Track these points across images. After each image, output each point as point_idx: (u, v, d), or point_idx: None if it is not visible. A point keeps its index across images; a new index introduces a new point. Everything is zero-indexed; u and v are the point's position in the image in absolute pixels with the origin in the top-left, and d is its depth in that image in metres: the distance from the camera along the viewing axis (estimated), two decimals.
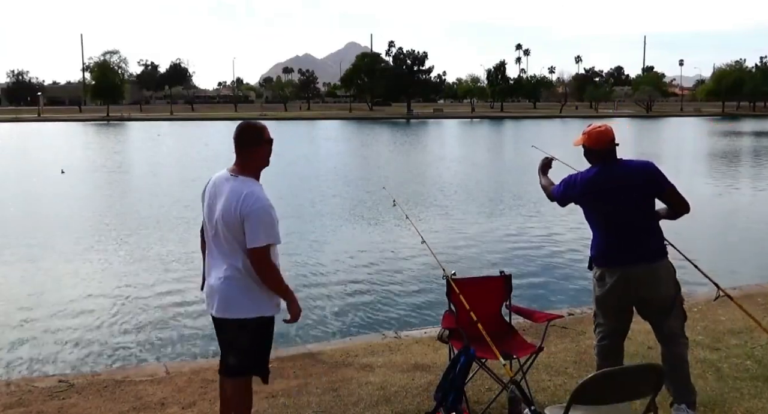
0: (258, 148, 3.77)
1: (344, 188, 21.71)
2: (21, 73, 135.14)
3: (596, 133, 4.20)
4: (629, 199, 4.12)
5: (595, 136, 4.20)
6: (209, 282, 3.86)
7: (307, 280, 10.41)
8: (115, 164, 30.64)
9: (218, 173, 3.84)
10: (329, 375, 5.36)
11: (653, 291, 4.12)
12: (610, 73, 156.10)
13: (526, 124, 75.54)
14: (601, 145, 4.18)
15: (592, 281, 4.32)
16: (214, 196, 3.73)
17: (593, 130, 4.22)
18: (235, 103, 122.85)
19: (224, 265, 3.74)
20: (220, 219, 3.66)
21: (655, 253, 4.14)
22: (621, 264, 4.10)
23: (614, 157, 4.20)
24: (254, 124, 3.80)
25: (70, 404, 4.87)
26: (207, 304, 3.89)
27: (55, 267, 11.28)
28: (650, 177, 4.17)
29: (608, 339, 4.28)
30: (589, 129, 4.25)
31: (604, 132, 4.19)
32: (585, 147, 4.27)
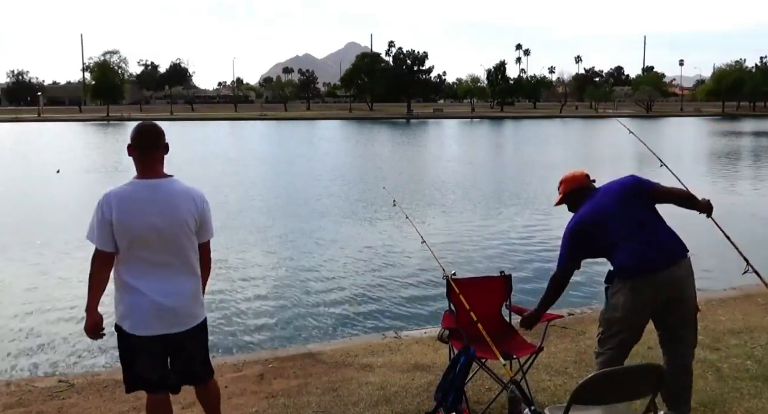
0: (165, 149, 3.62)
1: (344, 188, 21.70)
2: (21, 73, 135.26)
3: (570, 176, 4.35)
4: (629, 211, 4.10)
5: (570, 178, 4.34)
6: (158, 300, 3.41)
7: (307, 280, 10.41)
8: (113, 164, 30.64)
9: (126, 185, 3.44)
10: (329, 375, 5.36)
11: (683, 292, 4.05)
12: (610, 73, 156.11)
13: (526, 124, 75.54)
14: (579, 182, 4.31)
15: (613, 292, 4.22)
16: (139, 208, 3.37)
17: (565, 177, 4.37)
18: (235, 103, 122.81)
19: (182, 276, 3.51)
20: (169, 227, 3.43)
21: (677, 252, 4.07)
22: (650, 269, 4.00)
23: (594, 190, 4.30)
24: (157, 125, 3.68)
25: (70, 404, 4.87)
26: (146, 325, 3.42)
27: (54, 267, 11.28)
28: (634, 185, 4.19)
29: (618, 350, 4.13)
30: (562, 179, 4.39)
31: (576, 173, 4.36)
32: (566, 194, 4.36)
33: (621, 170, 26.53)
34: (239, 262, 11.51)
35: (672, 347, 4.16)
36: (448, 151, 38.87)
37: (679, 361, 4.11)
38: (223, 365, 5.70)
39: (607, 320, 4.22)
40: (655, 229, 4.11)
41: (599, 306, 8.02)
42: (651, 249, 4.02)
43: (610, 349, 4.13)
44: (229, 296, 9.49)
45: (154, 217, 3.39)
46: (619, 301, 4.12)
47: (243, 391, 5.06)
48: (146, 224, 3.38)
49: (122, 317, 3.45)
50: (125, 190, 3.41)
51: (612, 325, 4.17)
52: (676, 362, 4.11)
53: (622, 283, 4.13)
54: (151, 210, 3.40)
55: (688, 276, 4.07)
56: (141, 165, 3.49)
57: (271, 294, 9.65)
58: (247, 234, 14.03)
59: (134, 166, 3.49)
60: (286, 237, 13.83)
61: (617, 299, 4.14)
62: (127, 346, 3.49)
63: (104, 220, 3.35)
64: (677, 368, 4.10)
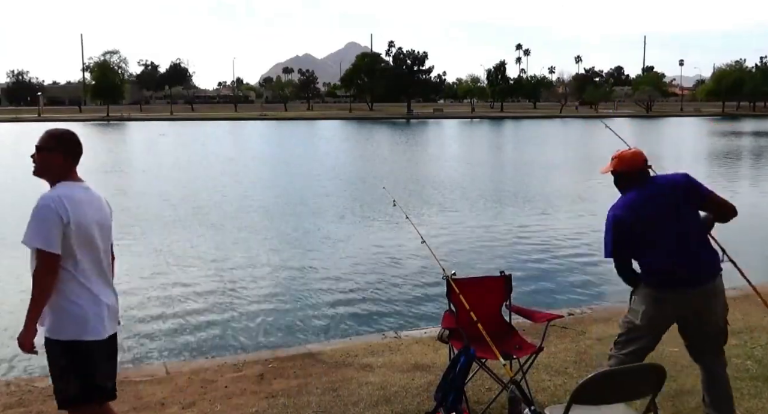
0: None
1: (344, 188, 21.70)
2: (21, 73, 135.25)
3: (629, 155, 4.04)
4: (674, 216, 3.92)
5: (629, 158, 4.04)
6: (106, 302, 3.44)
7: (307, 280, 10.41)
8: (111, 164, 30.65)
9: (65, 187, 3.39)
10: (329, 375, 5.36)
11: (710, 311, 3.93)
12: (610, 73, 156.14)
13: (527, 124, 75.54)
14: (634, 167, 4.01)
15: (637, 298, 4.03)
16: (81, 212, 3.33)
17: (624, 154, 4.06)
18: (235, 103, 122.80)
19: (110, 276, 3.56)
20: (104, 228, 3.49)
21: (712, 268, 3.94)
22: (679, 285, 3.87)
23: (648, 178, 4.03)
24: None
25: None
26: (104, 328, 3.41)
27: None
28: (688, 189, 3.97)
29: (636, 355, 3.99)
30: (619, 153, 4.08)
31: (637, 153, 4.05)
32: (616, 173, 4.08)
33: None
34: (239, 262, 11.51)
35: (698, 357, 4.10)
36: (448, 151, 38.87)
37: (709, 371, 4.05)
38: (224, 365, 5.71)
39: (626, 324, 4.07)
40: (696, 241, 3.94)
41: (599, 306, 8.06)
42: (686, 263, 3.87)
43: (624, 354, 4.01)
44: (229, 296, 9.49)
45: (95, 218, 3.42)
46: (641, 309, 3.97)
47: (243, 391, 5.06)
48: (93, 225, 3.38)
49: (79, 324, 3.31)
50: (68, 192, 3.35)
51: (631, 331, 4.03)
52: (707, 372, 4.05)
53: (647, 290, 3.97)
54: (92, 211, 3.41)
55: (717, 294, 3.93)
56: (71, 170, 3.45)
57: (271, 294, 9.65)
58: (247, 234, 14.03)
59: (57, 171, 3.42)
60: (285, 237, 13.83)
61: (639, 307, 3.98)
62: (87, 355, 3.34)
63: (61, 222, 3.25)
64: (708, 378, 4.05)
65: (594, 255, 11.59)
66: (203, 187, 21.89)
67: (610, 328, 6.50)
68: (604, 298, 9.33)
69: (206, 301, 9.24)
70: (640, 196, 3.96)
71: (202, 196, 19.70)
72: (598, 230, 15.20)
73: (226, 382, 5.24)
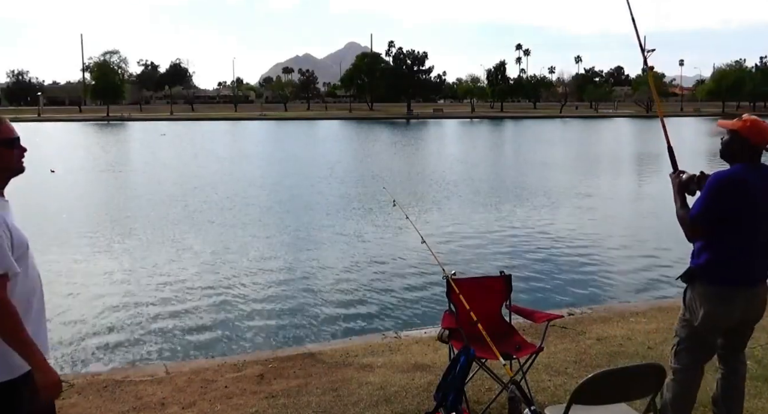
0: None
1: (344, 188, 21.70)
2: (21, 73, 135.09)
3: (764, 127, 3.59)
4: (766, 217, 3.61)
5: (764, 130, 3.58)
6: None
7: (307, 280, 10.41)
8: (108, 163, 30.65)
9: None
10: (329, 375, 5.36)
11: (757, 314, 3.76)
12: (610, 73, 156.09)
13: (527, 124, 75.55)
14: (764, 142, 3.59)
15: (692, 298, 3.74)
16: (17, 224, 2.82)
17: (759, 122, 3.61)
18: (235, 103, 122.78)
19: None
20: None
21: (764, 271, 3.72)
22: (748, 284, 3.64)
23: (759, 157, 3.65)
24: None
25: (70, 404, 4.86)
26: None
27: (52, 267, 11.27)
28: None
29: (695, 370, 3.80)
30: (751, 120, 3.63)
31: (764, 127, 3.60)
32: (740, 136, 3.60)
33: (623, 169, 26.36)
34: (239, 262, 11.51)
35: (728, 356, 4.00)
36: (449, 151, 38.86)
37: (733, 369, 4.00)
38: (224, 365, 5.71)
39: (685, 336, 3.82)
40: (764, 244, 3.69)
41: (599, 306, 8.05)
42: (754, 261, 3.65)
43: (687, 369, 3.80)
44: (229, 296, 9.49)
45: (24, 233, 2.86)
46: (704, 312, 3.68)
47: (243, 391, 5.06)
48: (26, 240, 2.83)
49: None
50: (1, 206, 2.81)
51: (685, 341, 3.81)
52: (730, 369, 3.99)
53: (702, 287, 3.68)
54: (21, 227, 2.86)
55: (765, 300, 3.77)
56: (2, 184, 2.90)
57: (271, 294, 9.65)
58: (247, 234, 14.02)
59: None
60: (285, 237, 13.83)
61: (703, 311, 3.68)
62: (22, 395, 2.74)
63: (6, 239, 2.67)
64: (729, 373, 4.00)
65: (594, 254, 11.60)
66: (202, 187, 21.88)
67: (610, 328, 6.51)
68: (604, 298, 9.33)
69: (206, 302, 9.24)
70: (758, 176, 3.59)
71: (202, 197, 19.69)
72: (598, 230, 15.15)
73: (226, 382, 5.24)
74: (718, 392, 3.97)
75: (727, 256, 3.60)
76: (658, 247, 12.41)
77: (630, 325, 6.60)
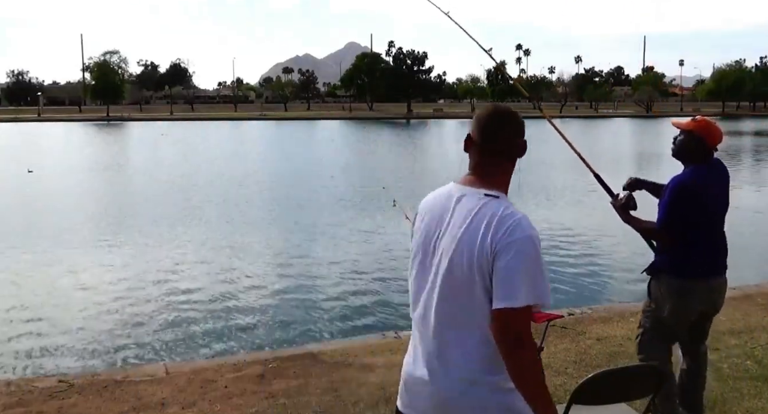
0: None
1: (343, 188, 21.70)
2: (21, 73, 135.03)
3: (717, 127, 3.85)
4: (725, 204, 3.88)
5: (717, 130, 3.84)
6: None
7: (307, 280, 10.41)
8: (93, 164, 30.62)
9: None
10: (329, 375, 5.36)
11: (717, 306, 3.97)
12: (610, 73, 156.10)
13: (526, 124, 75.42)
14: (717, 141, 3.84)
15: (657, 291, 3.93)
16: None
17: (712, 123, 3.86)
18: (235, 103, 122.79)
19: None
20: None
21: (725, 265, 3.95)
22: (708, 277, 3.84)
23: (712, 156, 3.90)
24: None
25: (70, 404, 4.87)
26: None
27: (52, 267, 11.28)
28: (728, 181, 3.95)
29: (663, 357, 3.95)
30: (705, 120, 3.89)
31: (715, 129, 3.86)
32: (697, 137, 3.82)
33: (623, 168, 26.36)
34: (239, 262, 11.51)
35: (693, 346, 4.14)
36: (449, 151, 38.83)
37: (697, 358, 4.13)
38: (223, 365, 5.71)
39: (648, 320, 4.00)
40: (722, 236, 3.93)
41: (599, 306, 8.05)
42: (714, 253, 3.86)
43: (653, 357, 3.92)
44: (229, 296, 9.49)
45: None
46: (672, 305, 3.86)
47: (243, 391, 5.06)
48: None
49: None
50: None
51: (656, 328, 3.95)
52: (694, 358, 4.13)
53: (668, 281, 3.85)
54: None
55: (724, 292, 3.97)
56: None
57: (271, 294, 9.65)
58: (247, 234, 14.03)
59: None
60: (285, 237, 13.83)
61: (671, 304, 3.86)
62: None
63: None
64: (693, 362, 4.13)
65: (594, 254, 11.60)
66: (202, 187, 21.89)
67: (610, 328, 6.51)
68: (604, 298, 9.33)
69: (206, 301, 9.24)
70: (712, 173, 3.85)
71: (201, 197, 19.69)
72: (598, 229, 15.17)
73: (226, 382, 5.24)
74: (683, 381, 4.09)
75: (689, 251, 3.78)
76: None
77: (630, 325, 6.59)
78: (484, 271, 2.11)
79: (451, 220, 2.23)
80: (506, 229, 2.11)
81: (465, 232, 2.17)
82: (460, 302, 2.17)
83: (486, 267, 2.11)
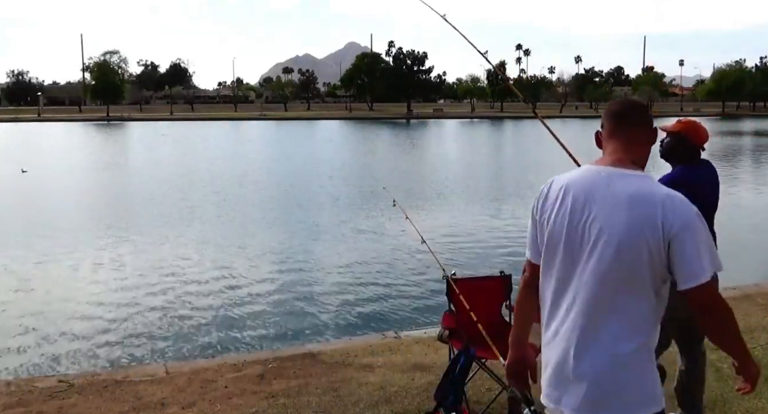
0: None
1: (344, 188, 21.70)
2: (21, 73, 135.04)
3: (703, 128, 3.99)
4: (713, 203, 3.98)
5: (702, 130, 3.98)
6: None
7: (307, 280, 10.42)
8: (88, 164, 30.63)
9: None
10: (329, 375, 5.36)
11: None
12: (610, 73, 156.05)
13: (526, 124, 75.54)
14: (703, 141, 4.00)
15: None
16: None
17: (698, 124, 4.01)
18: (235, 103, 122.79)
19: None
20: None
21: None
22: None
23: (700, 156, 4.04)
24: None
25: (70, 404, 4.87)
26: None
27: (52, 267, 11.28)
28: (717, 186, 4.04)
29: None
30: (690, 121, 4.05)
31: (702, 129, 4.02)
32: (683, 137, 3.97)
33: None
34: (239, 262, 11.51)
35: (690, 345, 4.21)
36: (448, 151, 38.87)
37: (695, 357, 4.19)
38: (223, 365, 5.71)
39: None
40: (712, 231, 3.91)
41: None
42: None
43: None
44: (229, 296, 9.49)
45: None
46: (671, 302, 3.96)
47: (243, 391, 5.06)
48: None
49: None
50: None
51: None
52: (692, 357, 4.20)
53: None
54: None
55: None
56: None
57: (271, 294, 9.65)
58: (246, 234, 14.03)
59: None
60: (284, 237, 13.83)
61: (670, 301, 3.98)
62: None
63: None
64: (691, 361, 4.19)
65: None
66: (202, 187, 21.89)
67: None
68: None
69: (206, 301, 9.24)
70: (702, 172, 3.99)
71: (201, 197, 19.69)
72: None
73: (226, 382, 5.25)
74: (682, 382, 4.18)
75: None
76: None
77: None
78: (655, 252, 2.13)
79: (604, 202, 2.22)
80: (674, 209, 2.15)
81: (627, 214, 2.17)
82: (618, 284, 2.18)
83: (658, 247, 2.13)
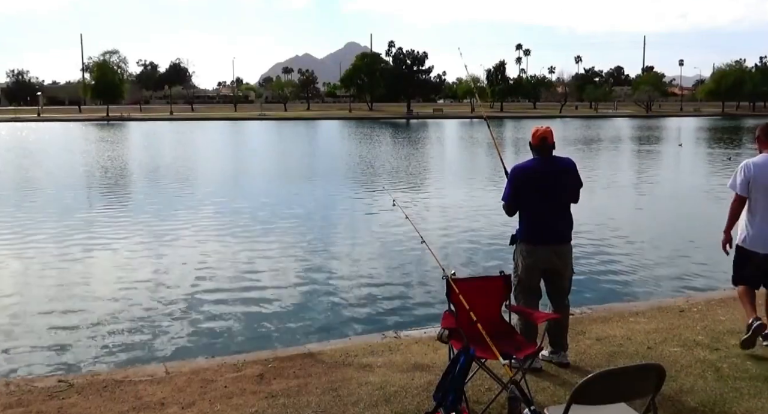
0: None
1: (343, 188, 21.70)
2: (21, 72, 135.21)
3: (540, 132, 5.27)
4: (559, 186, 5.22)
5: (536, 133, 5.29)
6: None
7: (307, 280, 10.41)
8: (90, 163, 30.63)
9: None
10: (329, 375, 5.36)
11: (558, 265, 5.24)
12: (610, 73, 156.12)
13: (527, 124, 75.55)
14: (536, 141, 5.28)
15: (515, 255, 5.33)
16: None
17: (536, 132, 5.28)
18: (235, 103, 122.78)
19: None
20: None
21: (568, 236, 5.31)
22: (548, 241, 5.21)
23: (550, 153, 5.29)
24: None
25: (70, 404, 4.87)
26: None
27: (51, 266, 11.27)
28: (574, 172, 5.34)
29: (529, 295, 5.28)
30: (535, 128, 5.32)
31: (545, 131, 5.27)
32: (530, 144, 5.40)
33: (622, 167, 26.14)
34: (238, 262, 11.51)
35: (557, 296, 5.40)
36: (448, 151, 38.87)
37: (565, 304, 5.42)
38: (223, 365, 5.71)
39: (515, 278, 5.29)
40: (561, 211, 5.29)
41: (599, 306, 8.05)
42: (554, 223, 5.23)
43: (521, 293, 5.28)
44: (228, 296, 9.49)
45: None
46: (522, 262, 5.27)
47: (243, 391, 5.06)
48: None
49: None
50: None
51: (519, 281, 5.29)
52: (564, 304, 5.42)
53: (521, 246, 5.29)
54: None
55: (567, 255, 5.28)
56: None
57: (271, 294, 9.64)
58: (246, 235, 14.02)
59: None
60: (283, 237, 13.82)
61: (521, 261, 5.27)
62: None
63: None
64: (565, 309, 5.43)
65: (593, 254, 11.59)
66: (202, 187, 21.88)
67: (610, 328, 6.51)
68: (603, 298, 9.32)
69: (206, 301, 9.23)
70: (539, 163, 5.28)
71: (200, 196, 19.69)
72: (596, 229, 15.14)
73: (225, 382, 5.25)
74: (551, 327, 5.18)
75: (531, 222, 5.24)
76: (658, 246, 12.42)
77: (630, 325, 6.61)
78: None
79: None
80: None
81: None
82: None
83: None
